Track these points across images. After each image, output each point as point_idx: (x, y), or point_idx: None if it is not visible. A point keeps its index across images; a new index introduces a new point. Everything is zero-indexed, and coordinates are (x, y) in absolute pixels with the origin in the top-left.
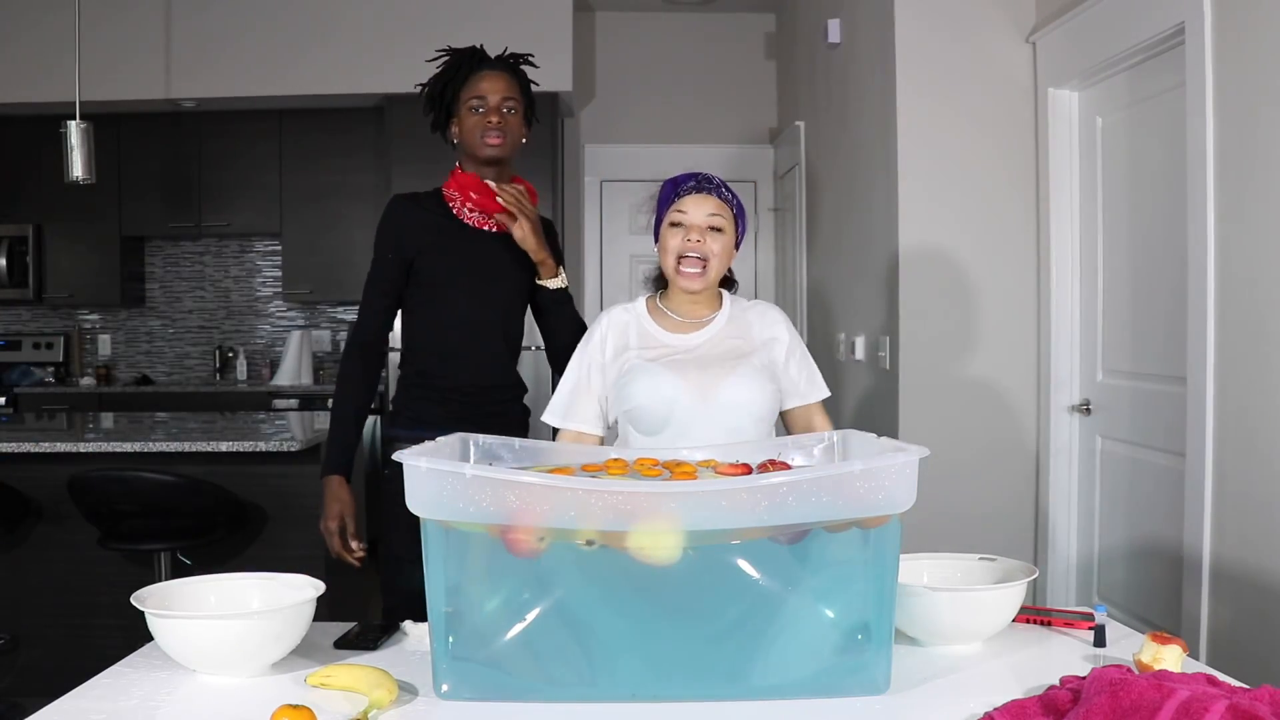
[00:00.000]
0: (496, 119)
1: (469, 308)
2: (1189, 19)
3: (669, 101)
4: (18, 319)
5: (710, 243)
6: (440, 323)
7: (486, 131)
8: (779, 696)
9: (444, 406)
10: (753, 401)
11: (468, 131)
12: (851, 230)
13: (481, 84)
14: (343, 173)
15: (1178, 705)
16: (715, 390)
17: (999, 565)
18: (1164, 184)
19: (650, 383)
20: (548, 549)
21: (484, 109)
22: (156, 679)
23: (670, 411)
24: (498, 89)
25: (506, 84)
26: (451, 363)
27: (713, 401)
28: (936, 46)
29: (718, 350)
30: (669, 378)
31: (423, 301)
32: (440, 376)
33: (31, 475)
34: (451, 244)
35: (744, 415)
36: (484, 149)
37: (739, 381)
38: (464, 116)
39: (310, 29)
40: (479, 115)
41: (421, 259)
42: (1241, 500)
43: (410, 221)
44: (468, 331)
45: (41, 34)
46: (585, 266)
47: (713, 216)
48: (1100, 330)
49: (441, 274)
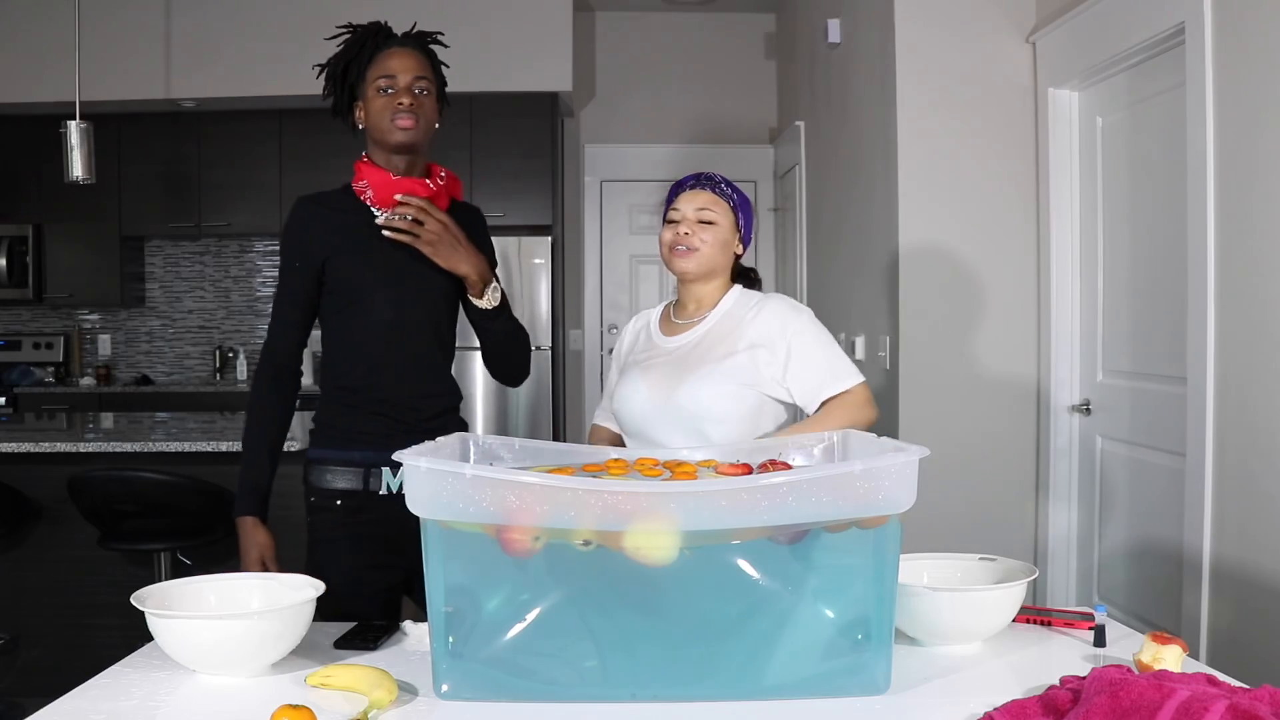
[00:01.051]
0: (408, 100)
1: (391, 311)
2: (1189, 19)
3: (669, 101)
4: (18, 319)
5: (700, 234)
6: (360, 330)
7: (396, 114)
8: (779, 696)
9: (374, 421)
10: (714, 405)
11: (375, 115)
12: (851, 230)
13: (389, 62)
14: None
15: (1178, 705)
16: (674, 393)
17: (999, 565)
18: (1164, 184)
19: (624, 386)
20: (544, 548)
21: (393, 90)
22: (156, 679)
23: (638, 413)
24: (408, 67)
25: (417, 62)
26: (378, 373)
27: (670, 404)
28: (936, 46)
29: (696, 352)
30: (637, 382)
31: (339, 309)
32: (366, 389)
33: (31, 475)
34: (365, 244)
35: (703, 418)
36: (394, 133)
37: (697, 384)
38: (370, 99)
39: (310, 29)
40: (387, 97)
41: (333, 264)
42: (1241, 500)
43: (316, 225)
44: (392, 337)
45: (41, 34)
46: (585, 266)
47: (702, 210)
48: (1100, 330)
49: (356, 277)
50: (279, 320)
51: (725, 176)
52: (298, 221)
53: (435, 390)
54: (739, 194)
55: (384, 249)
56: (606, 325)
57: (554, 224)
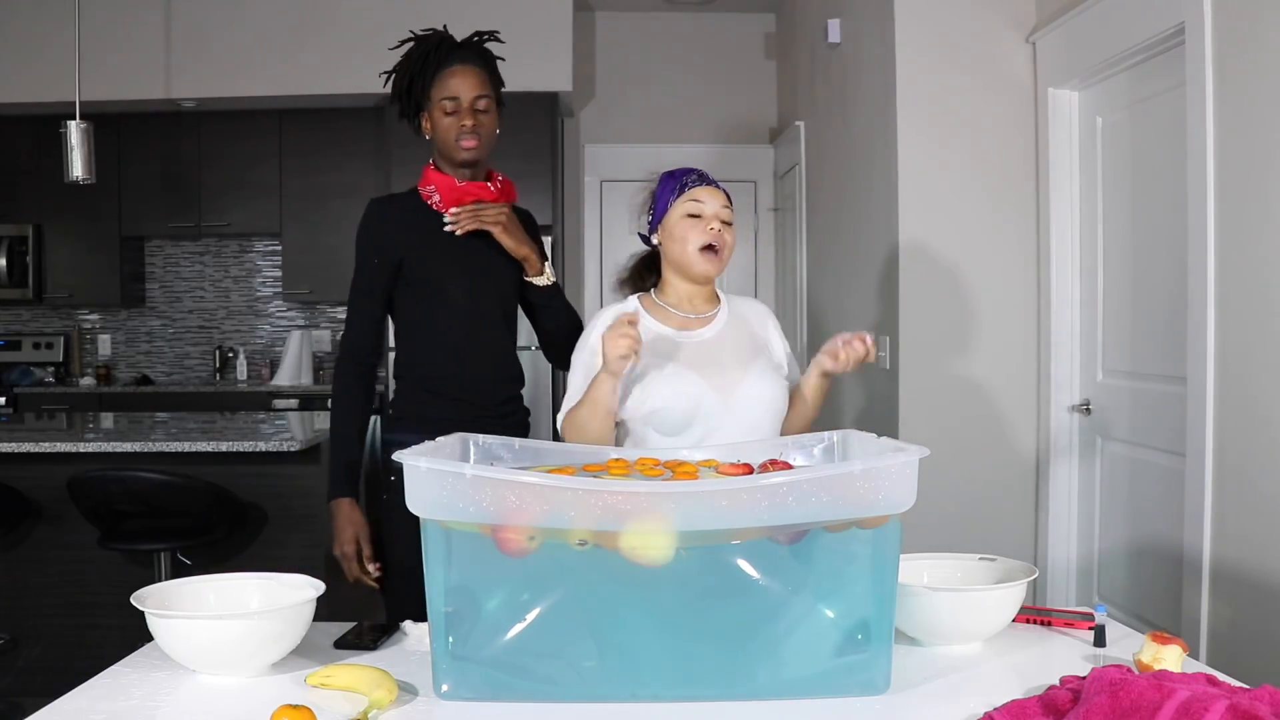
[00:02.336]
0: (471, 122)
1: (468, 301)
2: (1189, 19)
3: (669, 101)
4: (18, 319)
5: (725, 234)
6: (440, 320)
7: (461, 135)
8: (779, 696)
9: (449, 406)
10: (773, 398)
11: (442, 132)
12: (851, 230)
13: (452, 81)
14: (342, 173)
15: (1178, 705)
16: (737, 388)
17: (999, 565)
18: (1164, 184)
19: (673, 383)
20: (540, 548)
21: (457, 110)
22: (156, 679)
23: (695, 411)
24: (470, 86)
25: (478, 78)
26: (454, 359)
27: (734, 399)
28: (936, 46)
29: (729, 346)
30: (690, 377)
31: (417, 302)
32: (444, 376)
33: (31, 475)
34: (438, 240)
35: (763, 412)
36: (459, 152)
37: (758, 379)
38: (436, 116)
39: (310, 28)
40: (452, 117)
41: (410, 259)
42: (1241, 500)
43: (392, 224)
44: (467, 326)
45: (41, 34)
46: (585, 266)
47: (725, 209)
48: (1100, 330)
49: (435, 270)
50: (358, 314)
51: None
52: (374, 221)
53: (507, 375)
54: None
55: (456, 244)
56: None
57: (554, 224)
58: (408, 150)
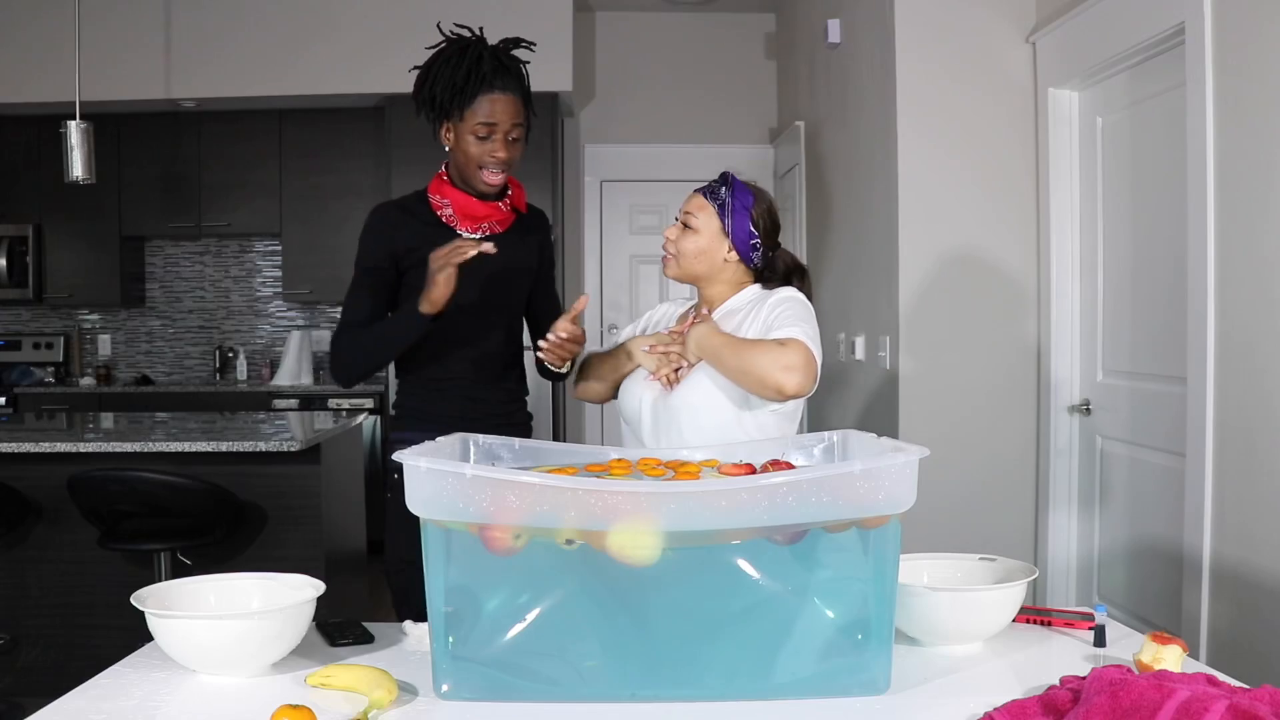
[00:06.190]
0: (505, 155)
1: (471, 303)
2: (1189, 19)
3: (669, 101)
4: (18, 319)
5: (681, 240)
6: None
7: (488, 165)
8: (779, 696)
9: (452, 404)
10: (714, 407)
11: (468, 155)
12: (851, 230)
13: (492, 107)
14: (343, 173)
15: (1178, 705)
16: (677, 392)
17: (999, 565)
18: (1164, 184)
19: (629, 383)
20: (527, 547)
21: (490, 135)
22: (156, 679)
23: (639, 410)
24: (508, 113)
25: (516, 106)
26: (458, 359)
27: (671, 403)
28: (936, 46)
29: None
30: (639, 377)
31: None
32: (449, 377)
33: (31, 475)
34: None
35: (703, 416)
36: (481, 184)
37: (694, 385)
38: (465, 136)
39: (310, 29)
40: (484, 143)
41: (417, 269)
42: (1241, 500)
43: (400, 229)
44: (472, 326)
45: (41, 34)
46: (585, 266)
47: (686, 215)
48: (1100, 330)
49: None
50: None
51: (735, 176)
52: (381, 224)
53: (509, 378)
54: (736, 197)
55: None
56: (606, 325)
57: (554, 224)
58: (408, 150)
